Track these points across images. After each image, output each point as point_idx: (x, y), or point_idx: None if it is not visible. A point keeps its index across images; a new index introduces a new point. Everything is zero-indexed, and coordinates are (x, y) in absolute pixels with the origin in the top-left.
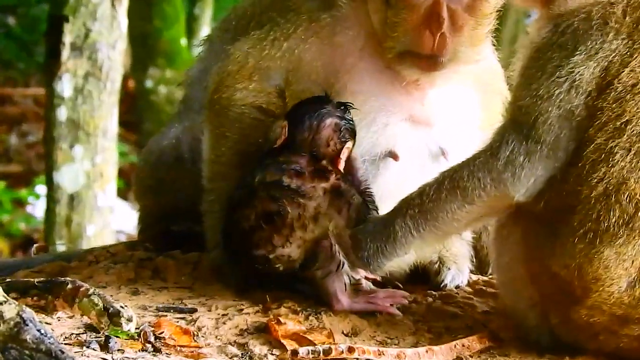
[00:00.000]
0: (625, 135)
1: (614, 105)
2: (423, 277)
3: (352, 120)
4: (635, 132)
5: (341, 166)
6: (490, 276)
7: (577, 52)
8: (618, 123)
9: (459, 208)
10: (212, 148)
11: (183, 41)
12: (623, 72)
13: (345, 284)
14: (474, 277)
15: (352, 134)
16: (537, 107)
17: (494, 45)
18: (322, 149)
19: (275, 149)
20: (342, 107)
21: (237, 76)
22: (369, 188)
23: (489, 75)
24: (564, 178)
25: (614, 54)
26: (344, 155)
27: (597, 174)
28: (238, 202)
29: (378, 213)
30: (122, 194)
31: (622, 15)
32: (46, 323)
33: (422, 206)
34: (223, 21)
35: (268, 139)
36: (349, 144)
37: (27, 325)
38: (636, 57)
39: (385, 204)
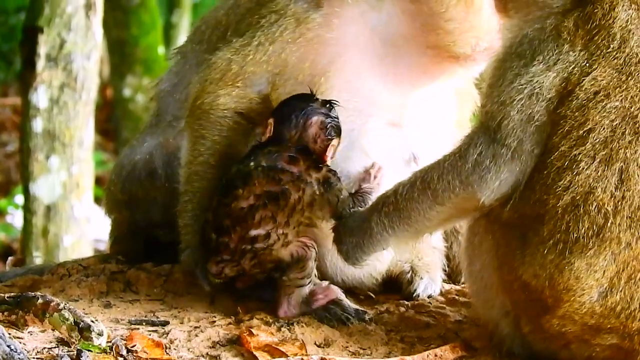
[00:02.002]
0: (589, 143)
1: (576, 113)
2: (395, 287)
3: (337, 118)
4: (599, 140)
5: (328, 162)
6: (463, 285)
7: (535, 62)
8: (581, 131)
9: (430, 208)
10: (191, 150)
11: (160, 49)
12: (584, 80)
13: (302, 297)
14: (447, 287)
15: (338, 132)
16: (500, 112)
17: None
18: (310, 145)
19: (262, 143)
20: (328, 105)
21: (220, 83)
22: (364, 191)
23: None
24: (531, 185)
25: (572, 66)
26: (330, 152)
27: (562, 182)
28: (229, 187)
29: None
30: (100, 202)
31: (575, 28)
32: (17, 338)
33: (396, 204)
34: (194, 33)
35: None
36: (335, 142)
37: None
38: (596, 67)
39: None
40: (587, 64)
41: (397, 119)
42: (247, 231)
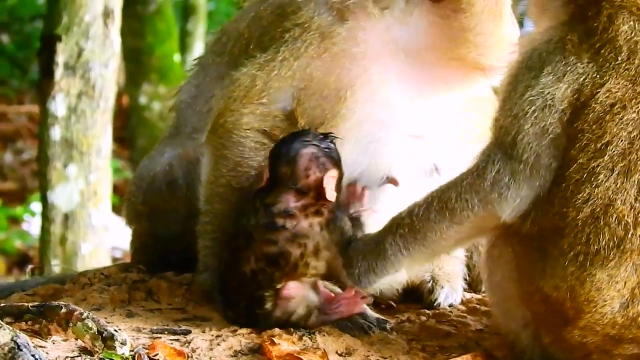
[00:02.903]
0: (607, 156)
1: (594, 126)
2: (416, 296)
3: (333, 149)
4: (616, 152)
5: (329, 196)
6: (484, 294)
7: (544, 73)
8: (599, 144)
9: (447, 228)
10: (212, 170)
11: (176, 57)
12: (599, 92)
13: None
14: (468, 296)
15: (334, 162)
16: (514, 126)
17: None
18: (302, 180)
19: (262, 189)
20: (321, 137)
21: (244, 100)
22: (356, 215)
23: (483, 94)
24: (549, 199)
25: (583, 77)
26: (328, 185)
27: (581, 195)
28: (236, 246)
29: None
30: (117, 210)
31: (579, 41)
32: (40, 347)
33: (411, 225)
34: (214, 44)
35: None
36: (332, 173)
37: (22, 350)
38: (608, 79)
39: None
40: (598, 76)
41: (419, 131)
42: (252, 294)
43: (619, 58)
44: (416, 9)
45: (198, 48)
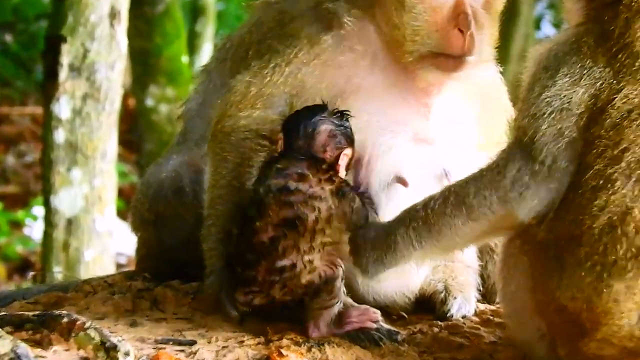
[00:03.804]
0: (624, 162)
1: (611, 132)
2: (428, 307)
3: (349, 127)
4: (633, 159)
5: (341, 173)
6: (498, 305)
7: (560, 74)
8: (616, 150)
9: (463, 224)
10: (213, 173)
11: (184, 58)
12: (616, 98)
13: (332, 316)
14: (481, 307)
15: (349, 141)
16: (532, 126)
17: (500, 60)
18: (319, 155)
19: (273, 157)
20: (338, 114)
21: (240, 105)
22: (367, 192)
23: (491, 91)
24: (566, 205)
25: (600, 82)
26: (343, 162)
27: (598, 202)
28: (246, 218)
29: (377, 216)
30: (122, 214)
31: (595, 45)
32: (41, 357)
33: (425, 219)
34: (219, 50)
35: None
36: (347, 151)
37: None
38: (625, 84)
39: None
40: (615, 82)
41: (426, 135)
42: (273, 263)
43: (636, 64)
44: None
45: (207, 49)
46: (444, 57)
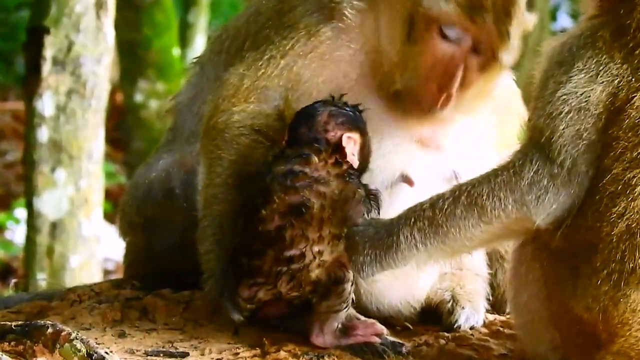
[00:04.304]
0: None
1: (629, 134)
2: (435, 317)
3: (353, 112)
4: None
5: (350, 159)
6: (508, 316)
7: (575, 69)
8: (635, 153)
9: (474, 227)
10: (207, 173)
11: (176, 51)
12: (635, 97)
13: (338, 325)
14: (491, 317)
15: (355, 125)
16: (548, 127)
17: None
18: (321, 135)
19: (280, 150)
20: (345, 103)
21: (234, 99)
22: (375, 189)
23: (504, 95)
24: (582, 212)
25: (618, 80)
26: (349, 147)
27: (616, 208)
28: (251, 206)
29: (379, 213)
30: (110, 217)
31: (611, 39)
32: None
33: (433, 219)
34: (213, 42)
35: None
36: (353, 135)
37: None
38: None
39: None
40: (634, 79)
41: (433, 138)
42: (281, 253)
43: None
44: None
45: (199, 41)
46: (417, 103)
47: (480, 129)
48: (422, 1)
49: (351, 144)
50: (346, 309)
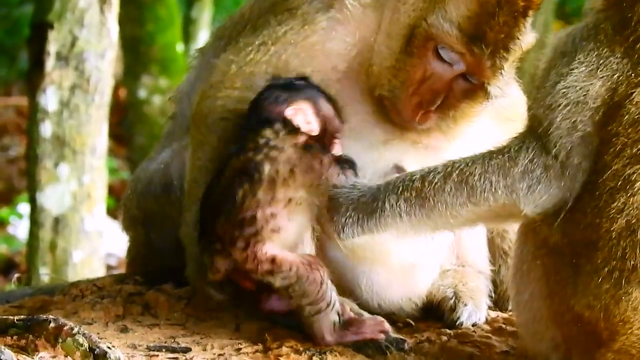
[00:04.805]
0: None
1: (629, 129)
2: (437, 314)
3: (299, 84)
4: None
5: (304, 128)
6: (510, 313)
7: (576, 62)
8: (635, 149)
9: (461, 205)
10: (191, 159)
11: (179, 47)
12: (634, 92)
13: (334, 323)
14: (493, 314)
15: (296, 97)
16: (546, 117)
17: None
18: (270, 114)
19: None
20: (290, 79)
21: (220, 85)
22: (345, 155)
23: (507, 102)
24: (582, 208)
25: (618, 74)
26: (298, 118)
27: (616, 204)
28: (216, 181)
29: (357, 176)
30: (112, 213)
31: (612, 32)
32: None
33: (420, 192)
34: (218, 29)
35: None
36: (296, 106)
37: None
38: None
39: None
40: (633, 75)
41: (425, 141)
42: (233, 215)
43: None
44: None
45: (203, 37)
46: (397, 111)
47: (479, 132)
48: (428, 17)
49: (300, 114)
50: (329, 309)
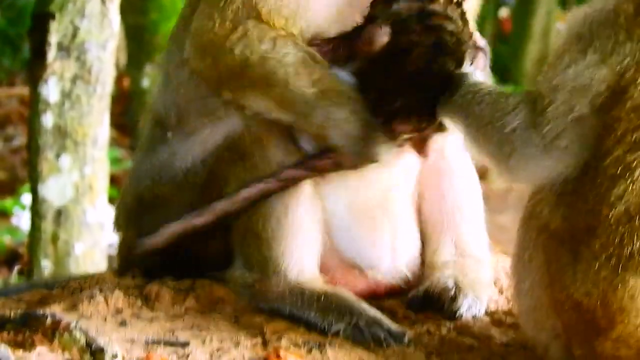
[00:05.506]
0: None
1: (632, 115)
2: (437, 305)
3: None
4: None
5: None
6: (510, 305)
7: (591, 49)
8: (637, 135)
9: (477, 129)
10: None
11: None
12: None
13: None
14: (493, 306)
15: None
16: (548, 96)
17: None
18: None
19: None
20: None
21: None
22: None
23: None
24: (583, 194)
25: (627, 58)
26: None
27: (616, 190)
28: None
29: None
30: (115, 203)
31: (634, 14)
32: None
33: (463, 99)
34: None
35: None
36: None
37: None
38: None
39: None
40: None
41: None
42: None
43: None
44: None
45: None
46: None
47: None
48: None
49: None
50: None
